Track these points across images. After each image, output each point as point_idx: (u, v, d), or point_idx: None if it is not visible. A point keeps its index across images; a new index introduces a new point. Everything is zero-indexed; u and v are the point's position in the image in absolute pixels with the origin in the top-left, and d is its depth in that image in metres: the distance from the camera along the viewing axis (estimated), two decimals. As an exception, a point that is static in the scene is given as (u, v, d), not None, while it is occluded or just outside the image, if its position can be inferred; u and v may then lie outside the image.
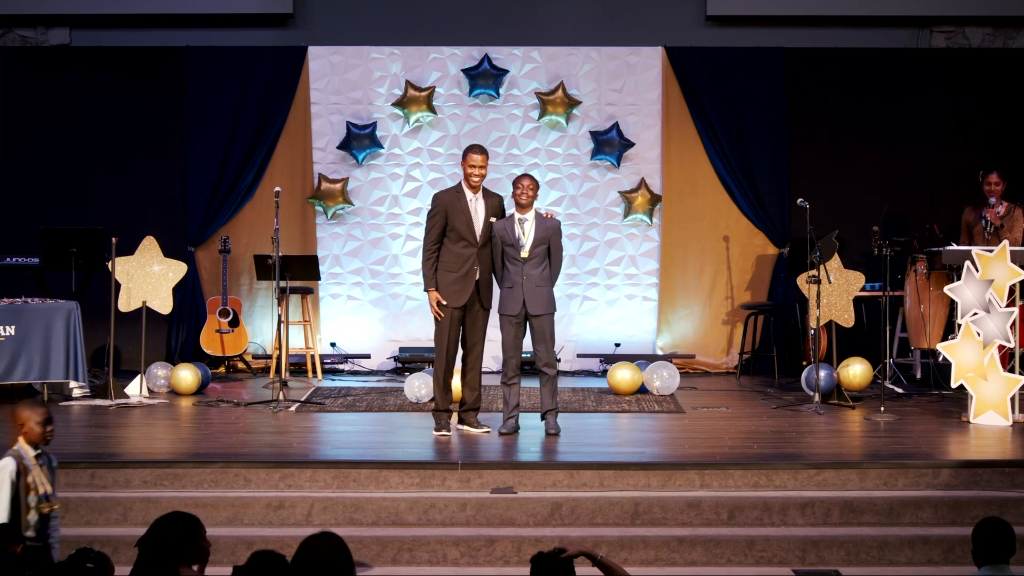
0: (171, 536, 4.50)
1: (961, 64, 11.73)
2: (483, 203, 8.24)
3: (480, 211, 8.23)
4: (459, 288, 8.17)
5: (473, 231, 8.19)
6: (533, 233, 8.12)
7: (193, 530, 4.55)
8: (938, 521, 6.88)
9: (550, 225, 8.19)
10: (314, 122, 11.67)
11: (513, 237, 8.11)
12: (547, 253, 8.19)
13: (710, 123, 11.57)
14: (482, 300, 8.25)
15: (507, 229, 8.14)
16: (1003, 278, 8.53)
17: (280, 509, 6.90)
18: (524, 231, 8.12)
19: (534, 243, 8.12)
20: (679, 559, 6.59)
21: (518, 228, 8.12)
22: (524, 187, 8.11)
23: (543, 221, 8.19)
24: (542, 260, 8.16)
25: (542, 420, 8.27)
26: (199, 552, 4.56)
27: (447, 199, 8.25)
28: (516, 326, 8.18)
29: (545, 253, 8.18)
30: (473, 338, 8.30)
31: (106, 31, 11.83)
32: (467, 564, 6.55)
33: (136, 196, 11.72)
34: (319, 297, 11.64)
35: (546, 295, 8.18)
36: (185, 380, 10.00)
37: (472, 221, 8.19)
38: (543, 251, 8.16)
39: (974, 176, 10.33)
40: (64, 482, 7.11)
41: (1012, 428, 8.38)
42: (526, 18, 11.77)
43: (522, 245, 8.10)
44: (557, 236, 8.22)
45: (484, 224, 8.22)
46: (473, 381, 8.34)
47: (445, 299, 8.15)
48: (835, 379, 9.52)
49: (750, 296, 11.62)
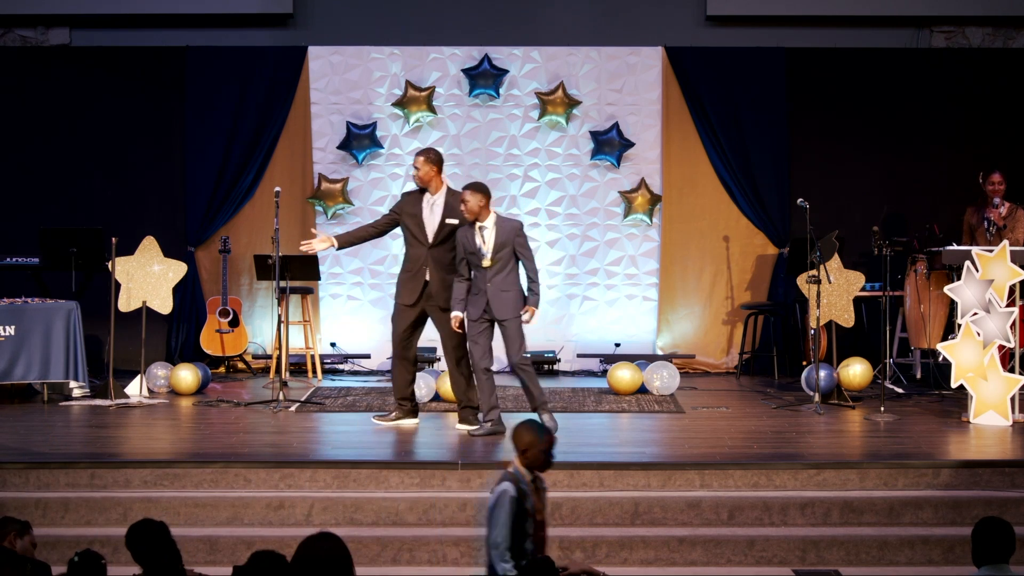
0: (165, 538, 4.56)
1: (961, 64, 11.73)
2: (441, 203, 8.29)
3: (436, 211, 8.29)
4: (410, 288, 8.34)
5: (424, 231, 8.29)
6: (493, 239, 8.08)
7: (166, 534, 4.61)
8: (938, 521, 6.88)
9: (510, 228, 8.12)
10: (314, 122, 11.67)
11: (475, 246, 8.08)
12: (513, 255, 8.14)
13: (710, 123, 11.57)
14: (436, 300, 8.29)
15: (468, 237, 8.11)
16: (1003, 278, 8.53)
17: (280, 509, 6.91)
18: (484, 239, 8.08)
19: (495, 249, 8.07)
20: (679, 559, 6.59)
21: (478, 236, 8.08)
22: (464, 205, 8.05)
23: (503, 225, 8.12)
24: (506, 264, 8.11)
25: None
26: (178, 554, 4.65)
27: (405, 200, 8.44)
28: (483, 330, 8.17)
29: (510, 257, 8.12)
30: (450, 341, 8.32)
31: (106, 31, 11.83)
32: (467, 564, 6.55)
33: (136, 196, 11.72)
34: (319, 297, 11.65)
35: (511, 300, 8.12)
36: (185, 380, 10.00)
37: (423, 222, 8.28)
38: (507, 255, 8.10)
39: (974, 176, 10.34)
40: (64, 482, 7.14)
41: (1012, 428, 8.38)
42: (526, 18, 11.77)
43: (483, 254, 8.06)
44: (520, 237, 8.15)
45: (438, 224, 8.26)
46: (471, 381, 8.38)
47: (399, 296, 8.38)
48: (835, 379, 9.52)
49: (750, 296, 11.62)
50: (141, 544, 4.52)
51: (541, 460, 5.10)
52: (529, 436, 5.10)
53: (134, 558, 4.56)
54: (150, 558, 4.49)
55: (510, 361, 8.25)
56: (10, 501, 6.87)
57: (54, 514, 6.87)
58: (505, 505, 4.93)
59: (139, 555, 4.53)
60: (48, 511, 6.87)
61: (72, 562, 4.48)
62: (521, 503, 4.96)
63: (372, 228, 8.71)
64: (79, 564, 4.47)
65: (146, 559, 4.50)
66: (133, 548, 4.55)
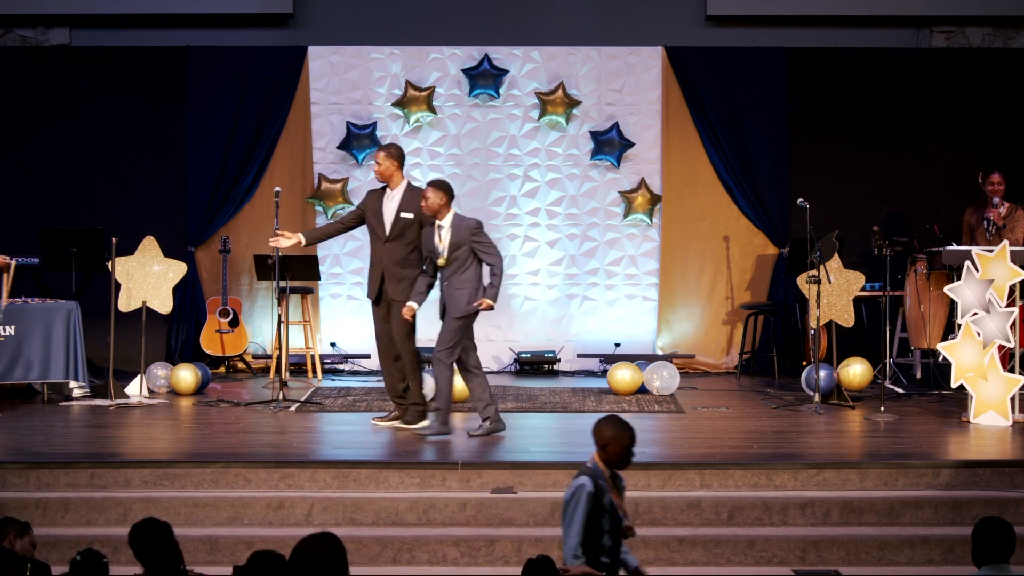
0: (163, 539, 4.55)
1: (961, 64, 11.73)
2: (399, 198, 8.34)
3: (392, 206, 8.35)
4: (371, 284, 8.44)
5: (382, 225, 8.37)
6: (449, 239, 8.11)
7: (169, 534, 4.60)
8: (938, 521, 6.88)
9: (465, 228, 8.13)
10: (314, 122, 11.67)
11: (433, 245, 8.16)
12: (472, 255, 8.15)
13: (710, 123, 11.57)
14: (392, 294, 8.33)
15: (428, 236, 8.19)
16: (1003, 278, 8.53)
17: (280, 509, 6.91)
18: (440, 237, 8.13)
19: (450, 248, 8.11)
20: (679, 559, 6.59)
21: (436, 235, 8.15)
22: (424, 201, 8.12)
23: (459, 225, 8.14)
24: (463, 264, 8.13)
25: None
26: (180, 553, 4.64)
27: (369, 197, 8.53)
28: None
29: (467, 256, 8.13)
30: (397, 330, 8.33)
31: (106, 31, 11.83)
32: (467, 564, 6.55)
33: (136, 196, 11.72)
34: (319, 297, 11.65)
35: (461, 298, 8.12)
36: (185, 380, 10.00)
37: (382, 216, 8.36)
38: (463, 255, 8.12)
39: (974, 176, 10.34)
40: (64, 482, 7.14)
41: (1012, 428, 8.38)
42: (526, 18, 11.77)
43: (439, 253, 8.13)
44: (477, 236, 8.14)
45: (394, 218, 8.32)
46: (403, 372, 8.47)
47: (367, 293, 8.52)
48: (835, 379, 9.52)
49: (750, 296, 11.62)
50: (144, 543, 4.52)
51: (620, 456, 4.99)
52: (611, 431, 4.99)
53: (136, 557, 4.56)
54: (152, 558, 4.49)
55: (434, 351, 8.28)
56: (10, 501, 6.87)
57: (54, 514, 6.87)
58: (581, 500, 4.87)
59: (141, 554, 4.52)
60: (48, 511, 6.87)
61: (74, 561, 4.49)
62: (598, 499, 4.90)
63: (340, 224, 8.86)
64: (81, 563, 4.47)
65: (148, 559, 4.50)
66: (136, 547, 4.55)
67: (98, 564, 4.50)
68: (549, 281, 11.72)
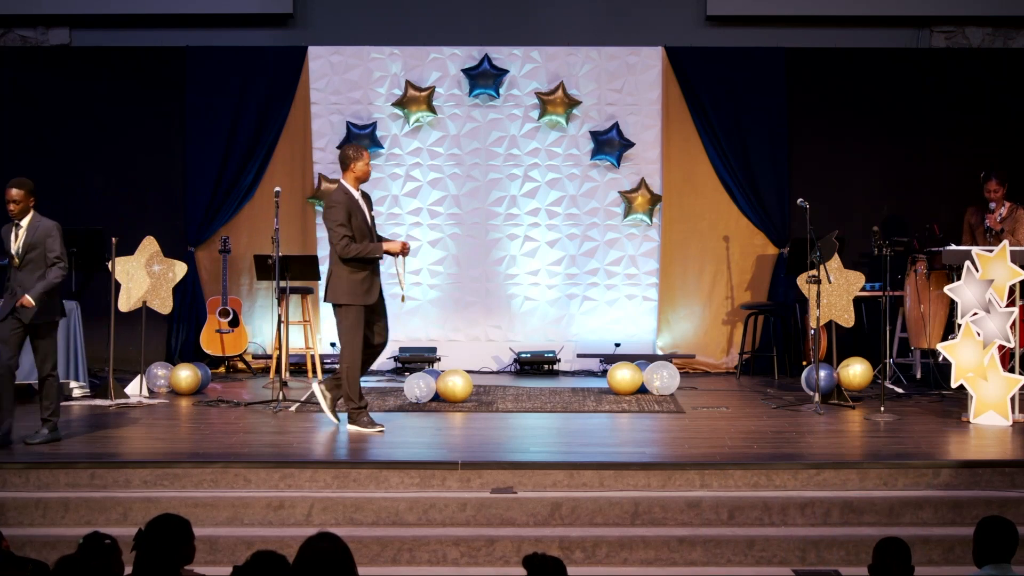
0: (169, 537, 4.52)
1: (961, 64, 11.73)
2: (364, 200, 8.36)
3: (366, 207, 8.36)
4: (368, 286, 8.28)
5: (372, 228, 8.35)
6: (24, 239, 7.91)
7: (187, 531, 4.57)
8: (938, 521, 6.87)
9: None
10: (314, 122, 11.68)
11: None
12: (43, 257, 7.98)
13: (710, 123, 11.57)
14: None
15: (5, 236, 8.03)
16: (1003, 278, 8.54)
17: (280, 509, 6.90)
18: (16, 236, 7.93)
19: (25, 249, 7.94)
20: (679, 559, 6.59)
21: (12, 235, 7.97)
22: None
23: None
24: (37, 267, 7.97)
25: None
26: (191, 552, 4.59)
27: (343, 198, 8.25)
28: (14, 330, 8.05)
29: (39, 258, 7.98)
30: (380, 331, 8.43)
31: (106, 31, 11.84)
32: (467, 564, 6.55)
33: (136, 196, 11.72)
34: (319, 297, 11.63)
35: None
36: (185, 380, 10.00)
37: (367, 219, 8.33)
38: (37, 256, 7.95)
39: (974, 176, 10.35)
40: (64, 482, 7.14)
41: (1012, 428, 8.38)
42: (526, 18, 11.77)
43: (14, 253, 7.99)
44: (51, 238, 7.87)
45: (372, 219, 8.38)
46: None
47: (358, 299, 8.21)
48: (835, 379, 9.52)
49: (750, 296, 11.63)
50: (159, 539, 4.48)
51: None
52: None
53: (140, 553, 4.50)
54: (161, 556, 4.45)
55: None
56: (10, 501, 6.88)
57: (54, 514, 6.86)
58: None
59: (151, 549, 4.47)
60: (48, 511, 6.87)
61: (80, 545, 4.46)
62: None
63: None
64: (85, 546, 4.45)
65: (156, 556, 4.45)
66: (148, 543, 4.49)
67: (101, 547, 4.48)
68: (549, 281, 11.72)
